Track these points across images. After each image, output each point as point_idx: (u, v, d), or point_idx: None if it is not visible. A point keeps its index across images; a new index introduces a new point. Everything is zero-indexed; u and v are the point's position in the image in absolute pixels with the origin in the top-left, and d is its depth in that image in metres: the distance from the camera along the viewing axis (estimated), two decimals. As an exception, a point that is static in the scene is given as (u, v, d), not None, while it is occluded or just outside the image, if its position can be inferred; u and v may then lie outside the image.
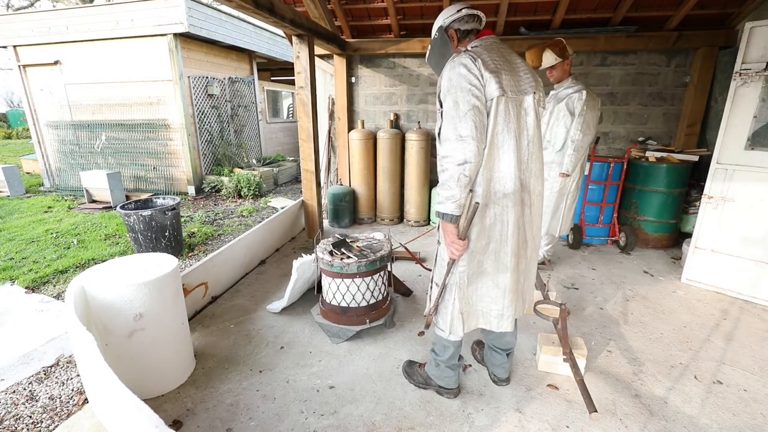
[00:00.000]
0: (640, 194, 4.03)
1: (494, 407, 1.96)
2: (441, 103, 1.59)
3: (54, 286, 3.49)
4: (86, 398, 2.05)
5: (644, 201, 4.02)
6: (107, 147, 7.45)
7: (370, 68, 5.05)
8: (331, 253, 2.49)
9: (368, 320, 2.48)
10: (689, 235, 3.40)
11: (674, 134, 4.54)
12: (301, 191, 4.53)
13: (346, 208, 4.89)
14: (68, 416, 1.95)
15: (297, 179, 8.89)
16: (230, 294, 3.16)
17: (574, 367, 1.96)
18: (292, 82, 10.06)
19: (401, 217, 5.21)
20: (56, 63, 7.32)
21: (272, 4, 3.01)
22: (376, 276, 2.49)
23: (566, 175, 3.20)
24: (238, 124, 8.44)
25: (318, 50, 4.68)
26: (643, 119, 4.59)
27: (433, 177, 4.98)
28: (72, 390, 2.16)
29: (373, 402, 2.00)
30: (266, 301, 3.02)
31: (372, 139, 4.88)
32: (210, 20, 7.00)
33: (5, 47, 7.58)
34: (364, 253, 2.49)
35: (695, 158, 3.92)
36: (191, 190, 7.25)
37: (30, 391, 2.16)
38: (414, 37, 4.64)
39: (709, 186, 3.09)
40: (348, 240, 2.72)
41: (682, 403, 1.99)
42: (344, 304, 2.48)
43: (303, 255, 2.80)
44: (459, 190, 1.52)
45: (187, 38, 6.89)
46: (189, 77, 7.02)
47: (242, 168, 7.90)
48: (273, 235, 4.09)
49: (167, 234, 3.94)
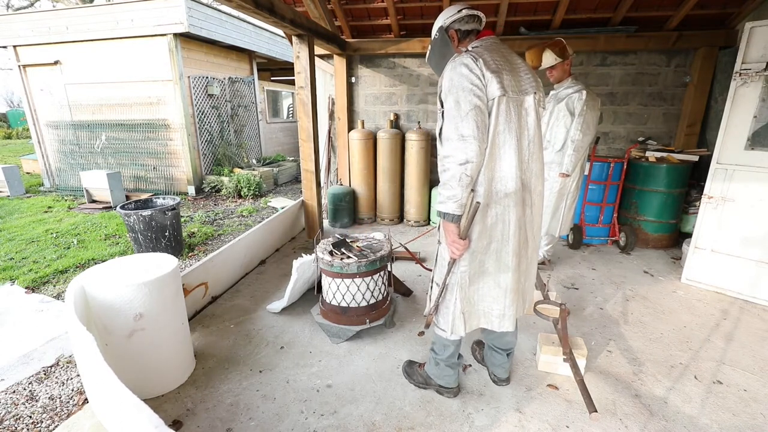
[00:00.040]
0: (640, 194, 4.03)
1: (494, 407, 1.96)
2: (442, 103, 1.59)
3: (54, 286, 3.49)
4: (86, 398, 2.05)
5: (644, 201, 4.02)
6: (107, 147, 7.45)
7: (370, 68, 5.05)
8: (331, 253, 2.49)
9: (368, 320, 2.48)
10: (689, 235, 3.40)
11: (674, 134, 4.54)
12: (301, 191, 4.53)
13: (346, 208, 4.89)
14: (68, 416, 1.95)
15: (297, 179, 8.88)
16: (230, 294, 3.16)
17: (574, 367, 1.96)
18: (292, 82, 10.06)
19: (401, 217, 5.21)
20: (56, 63, 7.32)
21: (272, 4, 3.01)
22: (376, 276, 2.49)
23: (566, 175, 3.20)
24: (238, 124, 8.44)
25: (318, 50, 4.68)
26: (643, 119, 4.59)
27: (433, 177, 4.98)
28: (72, 390, 2.16)
29: (373, 402, 2.00)
30: (266, 301, 3.02)
31: (372, 139, 4.88)
32: (210, 20, 7.00)
33: (5, 47, 7.58)
34: (364, 253, 2.49)
35: (695, 158, 3.92)
36: (191, 190, 7.25)
37: (30, 391, 2.16)
38: (414, 37, 4.64)
39: (709, 186, 3.09)
40: (348, 240, 2.72)
41: (682, 403, 1.99)
42: (344, 304, 2.48)
43: (303, 255, 2.80)
44: (461, 190, 1.52)
45: (187, 38, 6.89)
46: (189, 77, 7.02)
47: (242, 168, 7.90)
48: (273, 235, 4.09)
49: (167, 234, 3.94)
